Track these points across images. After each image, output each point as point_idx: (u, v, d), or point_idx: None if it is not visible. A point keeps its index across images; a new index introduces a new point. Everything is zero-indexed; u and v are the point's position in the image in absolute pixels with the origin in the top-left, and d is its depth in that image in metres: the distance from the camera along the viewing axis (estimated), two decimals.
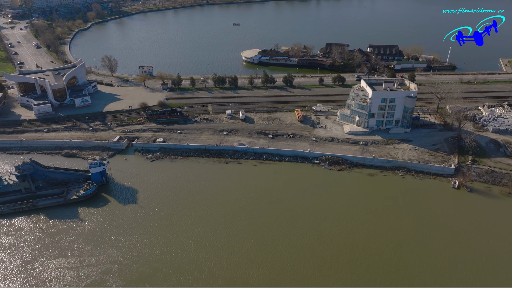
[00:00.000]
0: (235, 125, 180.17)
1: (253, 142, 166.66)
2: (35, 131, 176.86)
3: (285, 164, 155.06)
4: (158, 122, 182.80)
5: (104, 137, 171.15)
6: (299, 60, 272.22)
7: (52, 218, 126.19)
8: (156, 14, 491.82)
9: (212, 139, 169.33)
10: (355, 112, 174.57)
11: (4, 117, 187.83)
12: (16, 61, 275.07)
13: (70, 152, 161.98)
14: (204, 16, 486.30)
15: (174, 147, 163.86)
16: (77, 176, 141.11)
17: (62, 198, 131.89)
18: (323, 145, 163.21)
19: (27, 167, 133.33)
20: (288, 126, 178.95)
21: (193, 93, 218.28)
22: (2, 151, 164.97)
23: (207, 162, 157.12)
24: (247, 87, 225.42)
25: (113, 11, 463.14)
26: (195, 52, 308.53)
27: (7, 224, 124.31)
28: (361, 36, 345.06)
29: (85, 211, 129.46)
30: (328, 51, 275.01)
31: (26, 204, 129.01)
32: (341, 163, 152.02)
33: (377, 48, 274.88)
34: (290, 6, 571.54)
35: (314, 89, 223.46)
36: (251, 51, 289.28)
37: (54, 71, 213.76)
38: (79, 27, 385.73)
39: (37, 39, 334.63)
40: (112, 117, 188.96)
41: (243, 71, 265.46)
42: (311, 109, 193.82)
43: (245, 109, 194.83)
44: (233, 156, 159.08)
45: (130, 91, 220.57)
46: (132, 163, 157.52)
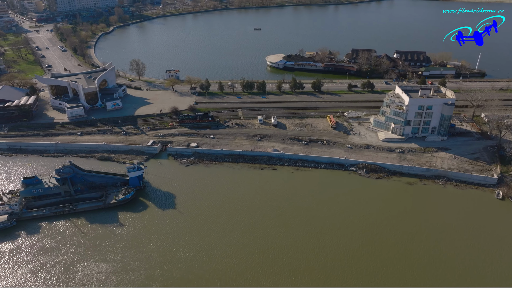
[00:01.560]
0: (268, 131, 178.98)
1: (287, 148, 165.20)
2: (69, 134, 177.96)
3: (321, 171, 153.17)
4: (190, 126, 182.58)
5: (137, 141, 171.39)
6: (325, 65, 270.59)
7: (92, 222, 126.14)
8: (176, 18, 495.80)
9: (245, 145, 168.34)
10: (390, 119, 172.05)
11: (38, 120, 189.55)
12: (44, 64, 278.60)
13: (105, 156, 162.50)
14: (223, 21, 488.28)
15: (208, 152, 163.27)
16: (115, 180, 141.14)
17: (102, 202, 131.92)
18: (359, 152, 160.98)
19: (68, 170, 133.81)
20: (321, 133, 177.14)
21: (222, 97, 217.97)
22: (38, 153, 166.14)
23: (242, 168, 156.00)
24: (275, 92, 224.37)
25: (134, 15, 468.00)
26: (218, 56, 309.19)
27: (49, 227, 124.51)
28: (384, 41, 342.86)
29: (125, 216, 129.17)
30: (355, 56, 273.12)
31: (66, 208, 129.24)
32: (378, 171, 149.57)
33: (405, 54, 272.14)
34: (308, 10, 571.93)
35: (343, 95, 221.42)
36: (275, 56, 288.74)
37: (85, 74, 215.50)
38: (102, 30, 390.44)
39: (62, 42, 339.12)
40: (144, 121, 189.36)
41: (268, 76, 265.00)
42: (343, 116, 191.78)
43: (276, 114, 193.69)
44: (268, 162, 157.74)
45: (159, 95, 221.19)
46: (167, 168, 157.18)
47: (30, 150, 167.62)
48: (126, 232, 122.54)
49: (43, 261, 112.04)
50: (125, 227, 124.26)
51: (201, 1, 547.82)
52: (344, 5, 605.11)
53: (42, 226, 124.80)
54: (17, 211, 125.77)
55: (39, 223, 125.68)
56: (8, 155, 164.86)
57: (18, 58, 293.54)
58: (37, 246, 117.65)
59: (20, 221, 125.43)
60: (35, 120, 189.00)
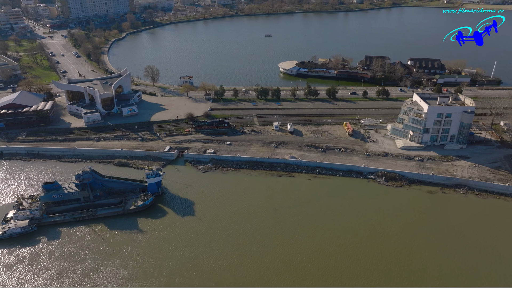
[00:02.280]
0: (284, 138, 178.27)
1: (304, 155, 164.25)
2: (86, 139, 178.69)
3: (339, 179, 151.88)
4: (206, 132, 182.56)
5: (154, 147, 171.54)
6: (338, 72, 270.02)
7: (112, 228, 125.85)
8: (187, 24, 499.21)
9: (262, 151, 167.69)
10: (408, 127, 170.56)
11: (55, 125, 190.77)
12: (59, 69, 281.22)
13: (122, 162, 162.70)
14: (233, 27, 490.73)
15: (225, 159, 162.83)
16: (133, 186, 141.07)
17: (121, 208, 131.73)
18: (377, 160, 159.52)
19: (87, 176, 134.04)
20: (338, 140, 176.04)
21: (236, 104, 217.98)
22: (55, 158, 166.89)
23: (260, 174, 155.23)
24: (290, 99, 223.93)
25: (146, 21, 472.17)
26: (231, 62, 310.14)
27: (69, 233, 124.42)
28: (397, 48, 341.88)
29: (144, 222, 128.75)
30: (368, 63, 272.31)
31: (86, 213, 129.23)
32: (398, 179, 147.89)
33: (419, 61, 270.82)
34: (318, 17, 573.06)
35: (358, 102, 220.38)
36: (288, 63, 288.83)
37: (101, 80, 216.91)
38: (114, 36, 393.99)
39: (76, 48, 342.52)
40: (160, 127, 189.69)
41: (281, 82, 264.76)
42: (360, 123, 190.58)
43: (291, 121, 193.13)
44: (285, 169, 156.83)
45: (174, 101, 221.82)
46: (184, 174, 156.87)
47: (48, 155, 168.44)
48: (146, 238, 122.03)
49: (63, 267, 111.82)
50: (144, 234, 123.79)
51: (212, 8, 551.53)
52: (354, 12, 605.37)
53: (62, 231, 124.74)
54: (37, 216, 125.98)
55: (59, 228, 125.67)
56: (26, 160, 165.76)
57: (34, 63, 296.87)
58: (57, 252, 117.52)
59: (40, 226, 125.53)
60: (52, 125, 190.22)
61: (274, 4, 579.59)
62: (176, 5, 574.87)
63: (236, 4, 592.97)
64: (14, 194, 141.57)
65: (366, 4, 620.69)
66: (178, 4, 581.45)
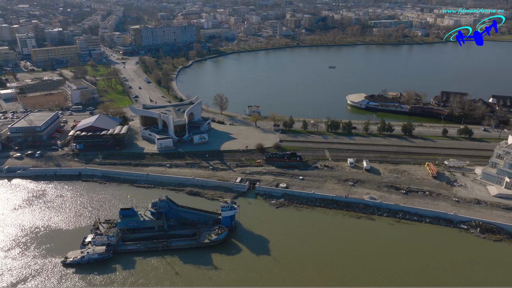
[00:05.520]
0: (360, 175, 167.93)
1: (384, 196, 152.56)
2: (158, 165, 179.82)
3: (425, 226, 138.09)
4: (277, 165, 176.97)
5: (225, 177, 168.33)
6: (412, 107, 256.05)
7: (186, 262, 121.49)
8: (249, 54, 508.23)
9: (337, 189, 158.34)
10: (504, 173, 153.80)
11: (129, 149, 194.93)
12: (132, 94, 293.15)
13: (194, 191, 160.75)
14: (295, 58, 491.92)
15: (299, 195, 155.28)
16: (207, 218, 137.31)
17: (195, 241, 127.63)
18: (469, 208, 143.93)
19: (164, 204, 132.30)
20: (421, 182, 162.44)
21: (306, 136, 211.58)
22: (129, 183, 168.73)
23: (336, 214, 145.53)
24: (362, 134, 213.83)
25: (211, 50, 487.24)
26: (296, 93, 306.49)
27: (143, 263, 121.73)
28: (472, 83, 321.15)
29: (218, 258, 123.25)
30: (444, 99, 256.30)
31: (160, 244, 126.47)
32: (496, 231, 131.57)
33: (502, 99, 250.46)
34: (381, 50, 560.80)
35: (438, 140, 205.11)
36: (357, 96, 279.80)
37: (174, 106, 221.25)
38: (182, 64, 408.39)
39: (146, 74, 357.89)
40: (230, 156, 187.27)
41: (349, 115, 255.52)
42: (443, 164, 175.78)
43: (365, 157, 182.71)
44: (364, 210, 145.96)
45: (242, 130, 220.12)
46: (256, 208, 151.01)
47: (122, 179, 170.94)
48: (220, 276, 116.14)
49: None
50: (219, 271, 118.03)
51: (274, 39, 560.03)
52: (419, 45, 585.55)
53: (136, 261, 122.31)
54: (113, 243, 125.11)
55: (133, 257, 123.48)
56: (102, 182, 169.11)
57: (109, 87, 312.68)
58: (130, 281, 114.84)
59: (116, 254, 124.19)
60: (126, 149, 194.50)
61: (336, 35, 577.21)
62: (239, 35, 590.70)
63: (298, 35, 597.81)
64: (91, 217, 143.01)
65: (432, 37, 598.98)
66: (241, 34, 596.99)
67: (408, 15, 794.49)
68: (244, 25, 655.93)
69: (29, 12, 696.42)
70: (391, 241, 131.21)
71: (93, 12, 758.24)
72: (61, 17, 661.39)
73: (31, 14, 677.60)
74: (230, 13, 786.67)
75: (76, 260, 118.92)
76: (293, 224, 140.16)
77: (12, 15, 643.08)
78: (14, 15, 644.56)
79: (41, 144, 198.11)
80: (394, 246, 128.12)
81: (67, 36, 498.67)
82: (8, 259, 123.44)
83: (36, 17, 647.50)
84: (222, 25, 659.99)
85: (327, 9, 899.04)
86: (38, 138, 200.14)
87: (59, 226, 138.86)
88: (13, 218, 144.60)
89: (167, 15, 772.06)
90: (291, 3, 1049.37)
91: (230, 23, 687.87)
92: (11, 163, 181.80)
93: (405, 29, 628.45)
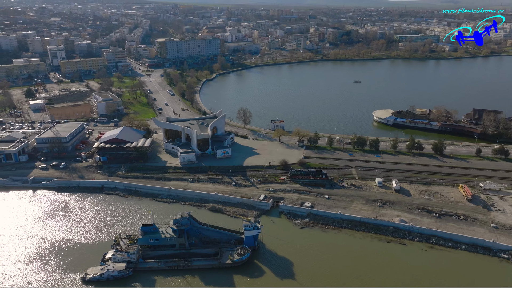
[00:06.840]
0: (389, 196, 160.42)
1: (415, 219, 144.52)
2: (181, 179, 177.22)
3: (461, 254, 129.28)
4: (302, 183, 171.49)
5: (248, 194, 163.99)
6: (442, 125, 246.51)
7: (207, 283, 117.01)
8: (272, 67, 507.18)
9: (365, 210, 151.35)
10: None
11: (152, 162, 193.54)
12: (156, 106, 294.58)
13: (216, 207, 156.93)
14: (319, 72, 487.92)
15: (324, 215, 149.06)
16: (229, 237, 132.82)
17: (217, 261, 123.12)
18: (509, 235, 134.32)
19: (185, 222, 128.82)
20: (455, 205, 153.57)
21: (331, 153, 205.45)
22: (151, 197, 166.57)
23: (364, 237, 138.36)
24: (390, 152, 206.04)
25: (235, 63, 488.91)
26: (320, 108, 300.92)
27: (163, 282, 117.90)
28: (506, 100, 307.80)
29: (241, 280, 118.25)
30: (477, 117, 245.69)
31: (181, 262, 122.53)
32: None
33: None
34: (407, 64, 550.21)
35: (471, 160, 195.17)
36: (383, 112, 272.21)
37: (197, 120, 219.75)
38: (206, 77, 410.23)
39: (170, 86, 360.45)
40: (253, 172, 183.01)
41: (375, 132, 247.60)
42: (478, 186, 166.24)
43: (394, 177, 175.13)
44: (394, 234, 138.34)
45: (266, 145, 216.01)
46: (280, 228, 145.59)
47: (144, 193, 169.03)
48: None
49: None
50: None
51: (298, 53, 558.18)
52: (446, 60, 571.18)
53: (156, 280, 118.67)
54: (134, 260, 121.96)
55: (154, 276, 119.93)
56: (124, 196, 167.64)
57: (133, 99, 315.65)
58: None
59: (136, 271, 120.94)
60: (149, 162, 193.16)
61: (361, 50, 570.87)
62: (263, 48, 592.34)
63: (321, 49, 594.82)
64: (111, 232, 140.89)
65: (460, 52, 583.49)
66: (265, 48, 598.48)
67: (435, 29, 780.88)
68: (267, 38, 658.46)
69: (60, 25, 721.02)
70: (425, 268, 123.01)
71: (120, 25, 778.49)
72: (90, 30, 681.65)
73: (62, 27, 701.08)
74: (254, 27, 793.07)
75: (96, 277, 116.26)
76: (318, 246, 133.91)
77: (45, 28, 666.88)
78: (46, 28, 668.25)
79: (66, 155, 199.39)
80: (428, 274, 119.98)
81: (95, 49, 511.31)
82: (28, 271, 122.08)
83: (67, 30, 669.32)
84: (246, 39, 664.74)
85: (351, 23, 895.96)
86: (64, 149, 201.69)
87: (80, 240, 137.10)
88: (35, 229, 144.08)
89: (192, 28, 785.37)
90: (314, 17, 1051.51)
91: (254, 36, 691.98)
92: (36, 173, 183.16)
93: (432, 44, 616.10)
